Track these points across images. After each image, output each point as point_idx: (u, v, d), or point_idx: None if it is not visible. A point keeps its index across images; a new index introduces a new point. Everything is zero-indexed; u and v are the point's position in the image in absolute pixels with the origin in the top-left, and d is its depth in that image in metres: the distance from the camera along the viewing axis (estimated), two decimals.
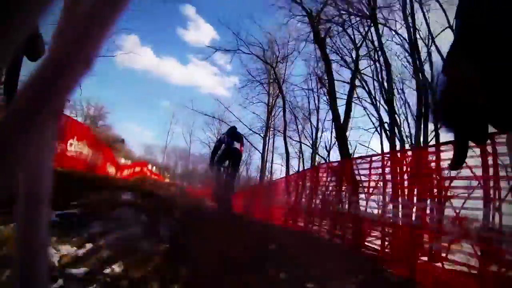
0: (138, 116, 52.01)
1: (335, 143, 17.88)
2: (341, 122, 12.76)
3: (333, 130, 16.81)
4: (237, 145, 5.95)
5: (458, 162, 0.58)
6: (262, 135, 22.99)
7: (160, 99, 54.66)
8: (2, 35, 0.24)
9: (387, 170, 3.71)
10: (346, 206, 4.25)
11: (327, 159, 20.00)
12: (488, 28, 0.52)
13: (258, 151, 23.09)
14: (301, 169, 20.90)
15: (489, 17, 0.52)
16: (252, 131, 23.03)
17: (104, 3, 0.27)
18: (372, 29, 14.71)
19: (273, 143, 23.77)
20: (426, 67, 13.93)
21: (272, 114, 23.26)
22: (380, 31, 14.49)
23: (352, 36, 15.74)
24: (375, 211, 3.62)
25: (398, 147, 13.50)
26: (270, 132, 23.31)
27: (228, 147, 5.90)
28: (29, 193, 0.33)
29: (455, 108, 0.55)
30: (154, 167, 33.26)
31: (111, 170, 9.53)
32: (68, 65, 0.26)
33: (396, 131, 13.72)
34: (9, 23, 0.24)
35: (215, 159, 6.10)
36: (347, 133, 13.55)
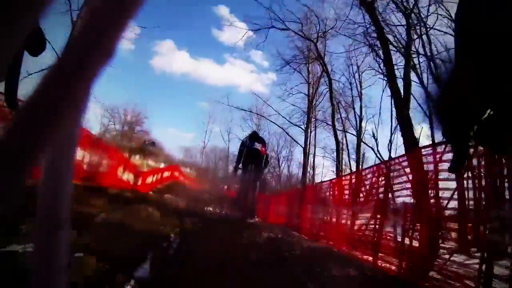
0: (177, 119, 52.41)
1: (396, 127, 15.15)
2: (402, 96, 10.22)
3: (393, 109, 14.18)
4: (258, 146, 6.00)
5: (457, 165, 0.64)
6: (303, 127, 20.78)
7: (198, 101, 54.63)
8: (4, 34, 0.24)
9: None
10: None
11: (374, 150, 17.35)
12: (488, 29, 0.51)
13: (300, 145, 21.01)
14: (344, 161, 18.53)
15: (489, 19, 0.50)
16: (292, 123, 21.33)
17: None
18: None
19: (315, 135, 21.51)
20: None
21: (313, 104, 21.00)
22: None
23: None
24: None
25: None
26: (312, 124, 21.08)
27: (250, 149, 5.99)
28: (47, 217, 0.32)
29: (455, 111, 0.54)
30: (194, 171, 32.71)
31: (128, 177, 7.92)
32: (92, 54, 0.27)
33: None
34: (12, 21, 0.24)
35: (240, 163, 6.13)
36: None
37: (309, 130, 20.81)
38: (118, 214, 3.12)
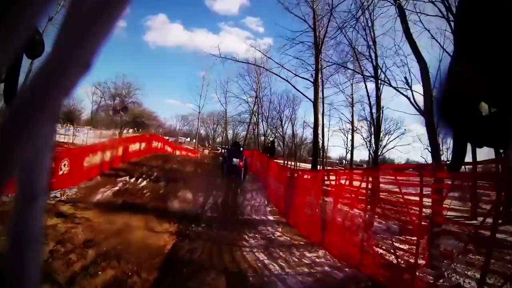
0: (177, 91, 51.57)
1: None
2: None
3: None
4: (235, 161, 6.83)
5: (456, 163, 0.58)
6: (312, 80, 17.67)
7: (196, 71, 52.51)
8: (3, 35, 0.24)
9: None
10: None
11: (410, 98, 13.24)
12: (489, 29, 0.50)
13: (309, 99, 17.90)
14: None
15: (490, 19, 0.50)
16: (298, 76, 18.41)
17: (103, 6, 0.28)
18: None
19: (323, 89, 18.66)
20: None
21: (322, 51, 17.44)
22: None
23: None
24: None
25: None
26: (320, 75, 17.83)
27: (228, 166, 6.87)
28: (24, 190, 0.33)
29: (455, 108, 0.54)
30: (194, 139, 30.25)
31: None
32: (68, 67, 0.27)
33: None
34: (9, 22, 0.24)
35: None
36: None
37: (318, 82, 17.58)
38: None
